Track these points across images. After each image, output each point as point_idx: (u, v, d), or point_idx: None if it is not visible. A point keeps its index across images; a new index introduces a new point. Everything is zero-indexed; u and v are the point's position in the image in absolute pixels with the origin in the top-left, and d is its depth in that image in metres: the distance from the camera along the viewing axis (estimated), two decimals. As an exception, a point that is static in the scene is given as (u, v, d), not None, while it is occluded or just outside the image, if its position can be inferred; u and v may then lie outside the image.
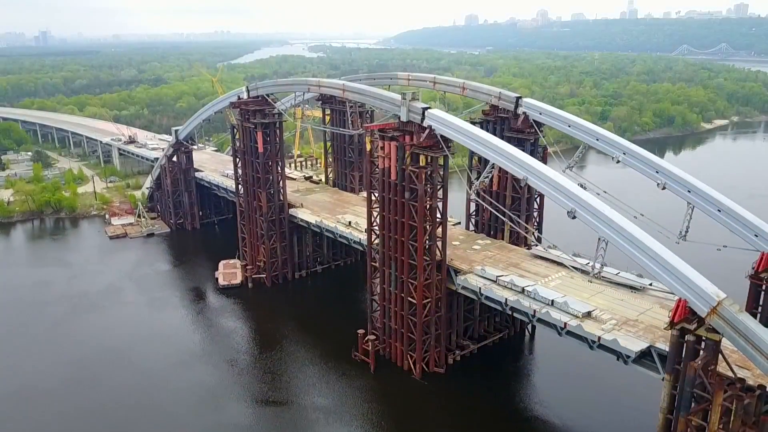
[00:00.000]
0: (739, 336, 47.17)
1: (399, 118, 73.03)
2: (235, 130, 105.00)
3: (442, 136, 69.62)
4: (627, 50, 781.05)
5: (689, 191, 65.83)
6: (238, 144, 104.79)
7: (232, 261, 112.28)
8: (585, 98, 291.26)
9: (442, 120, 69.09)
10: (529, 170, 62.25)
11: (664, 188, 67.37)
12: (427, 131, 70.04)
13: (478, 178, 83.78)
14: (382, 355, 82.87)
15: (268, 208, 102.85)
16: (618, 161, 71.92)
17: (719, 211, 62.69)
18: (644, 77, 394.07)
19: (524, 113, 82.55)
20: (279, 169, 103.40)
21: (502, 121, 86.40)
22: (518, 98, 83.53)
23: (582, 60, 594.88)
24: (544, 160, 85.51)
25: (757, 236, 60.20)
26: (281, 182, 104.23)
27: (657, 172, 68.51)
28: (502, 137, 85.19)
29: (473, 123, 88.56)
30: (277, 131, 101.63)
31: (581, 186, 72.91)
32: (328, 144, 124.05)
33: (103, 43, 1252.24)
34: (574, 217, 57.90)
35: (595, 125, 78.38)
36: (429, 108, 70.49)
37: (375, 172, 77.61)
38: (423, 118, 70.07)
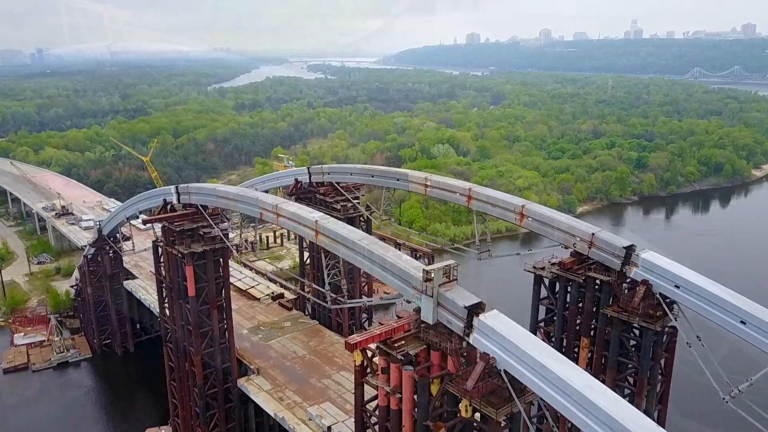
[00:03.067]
0: None
1: (417, 311, 37.97)
2: (159, 251, 68.90)
3: (507, 371, 34.50)
4: (635, 71, 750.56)
5: None
6: (163, 273, 69.16)
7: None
8: (613, 139, 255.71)
9: (511, 343, 33.84)
10: None
11: None
12: (481, 362, 34.87)
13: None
14: None
15: (204, 379, 67.02)
16: None
17: None
18: (668, 108, 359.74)
19: (645, 281, 47.14)
20: (224, 316, 67.56)
21: (596, 286, 50.61)
22: (630, 248, 47.86)
23: (592, 84, 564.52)
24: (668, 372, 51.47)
25: None
26: (228, 337, 68.12)
27: None
28: (593, 316, 50.79)
29: (539, 275, 54.25)
30: (221, 261, 65.96)
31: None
32: (304, 247, 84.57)
33: (100, 61, 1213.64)
34: None
35: None
36: (481, 308, 35.30)
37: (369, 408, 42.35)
38: (469, 329, 34.92)
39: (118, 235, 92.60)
